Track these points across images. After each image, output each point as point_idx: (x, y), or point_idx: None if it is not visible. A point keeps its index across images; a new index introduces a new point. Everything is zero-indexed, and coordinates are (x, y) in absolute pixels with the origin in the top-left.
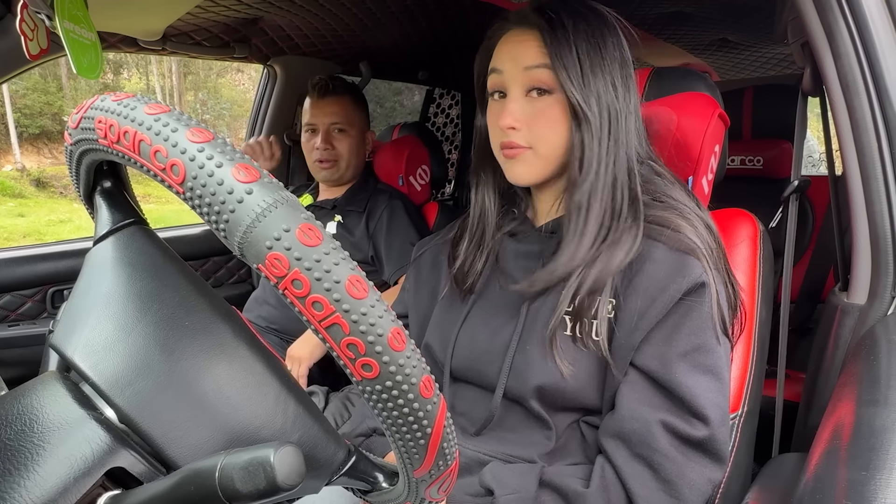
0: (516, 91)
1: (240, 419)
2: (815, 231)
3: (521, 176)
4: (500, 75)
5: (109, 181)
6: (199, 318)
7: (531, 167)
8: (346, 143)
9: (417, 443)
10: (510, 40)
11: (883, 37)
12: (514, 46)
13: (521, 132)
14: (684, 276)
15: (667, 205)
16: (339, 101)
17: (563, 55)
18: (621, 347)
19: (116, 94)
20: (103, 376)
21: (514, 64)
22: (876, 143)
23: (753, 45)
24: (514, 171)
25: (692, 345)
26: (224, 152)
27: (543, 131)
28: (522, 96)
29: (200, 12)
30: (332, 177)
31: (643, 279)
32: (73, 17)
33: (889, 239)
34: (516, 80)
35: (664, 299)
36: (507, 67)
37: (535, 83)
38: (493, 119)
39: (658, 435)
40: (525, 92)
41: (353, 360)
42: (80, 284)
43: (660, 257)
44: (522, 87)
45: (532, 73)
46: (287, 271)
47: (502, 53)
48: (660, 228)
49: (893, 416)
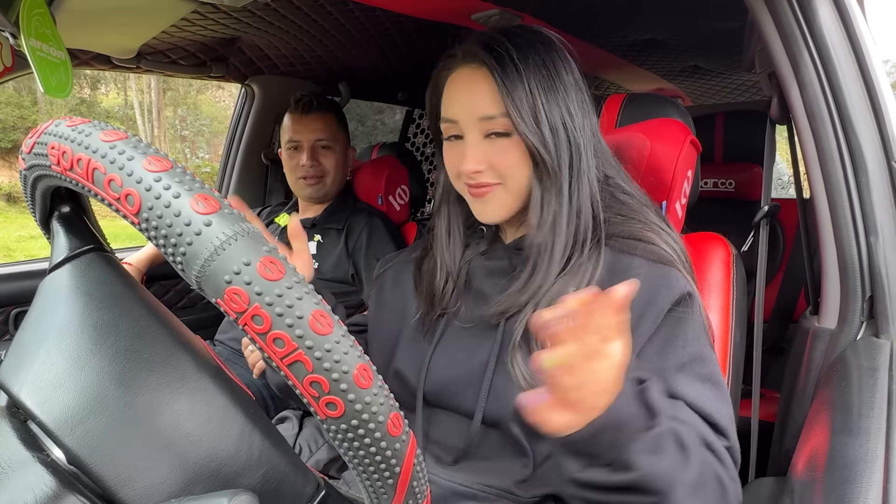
0: (473, 136)
1: (200, 456)
2: (786, 252)
3: (492, 215)
4: (455, 123)
5: (68, 206)
6: (159, 350)
7: (501, 205)
8: (331, 160)
9: (385, 482)
10: (460, 83)
11: (846, 68)
12: (466, 93)
13: (486, 172)
14: (669, 287)
15: (636, 220)
16: (324, 118)
17: (517, 96)
18: None
19: (72, 119)
20: (52, 414)
21: (469, 113)
22: (841, 171)
23: (724, 72)
24: (484, 212)
25: (688, 356)
26: (182, 182)
27: (509, 169)
28: (481, 140)
29: (176, 31)
30: (316, 193)
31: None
32: (41, 35)
33: (856, 265)
34: (472, 128)
35: (652, 314)
36: (462, 117)
37: (492, 129)
38: (452, 161)
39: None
40: (483, 136)
41: (317, 399)
42: (31, 315)
43: (639, 271)
44: (479, 132)
45: (488, 123)
46: (247, 306)
47: (454, 100)
48: (634, 242)
49: (865, 446)
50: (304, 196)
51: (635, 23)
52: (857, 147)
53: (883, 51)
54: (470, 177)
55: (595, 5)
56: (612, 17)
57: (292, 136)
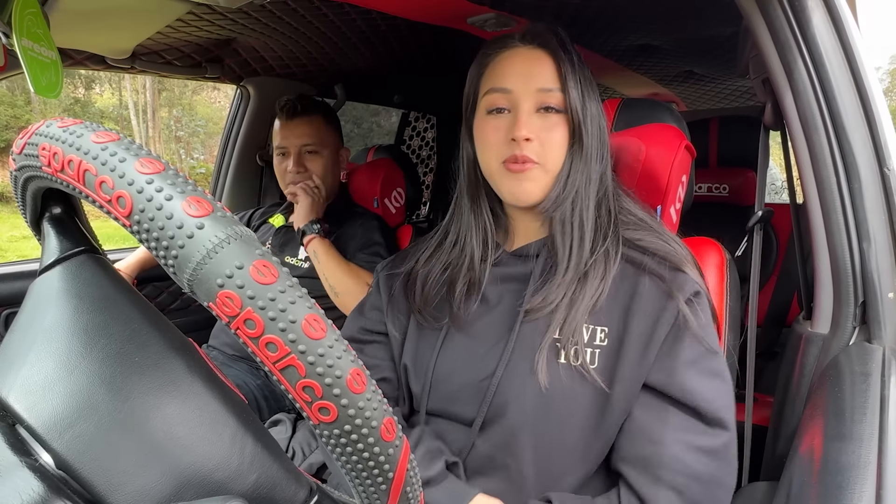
0: (528, 106)
1: (192, 461)
2: (779, 257)
3: (530, 193)
4: (508, 94)
5: (59, 207)
6: (151, 353)
7: (538, 184)
8: (318, 164)
9: (378, 488)
10: (518, 58)
11: (839, 75)
12: (526, 65)
13: (533, 144)
14: (681, 289)
15: (640, 225)
16: (310, 122)
17: (571, 78)
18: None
19: (64, 119)
20: (40, 418)
21: (527, 83)
22: (834, 177)
23: (718, 78)
24: (521, 188)
25: (697, 352)
26: (175, 184)
27: (552, 147)
28: (533, 112)
29: (171, 32)
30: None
31: (640, 302)
32: (33, 34)
33: (849, 270)
34: (528, 98)
35: (666, 318)
36: (519, 86)
37: (546, 103)
38: (494, 134)
39: (682, 457)
40: (535, 109)
41: (310, 404)
42: (20, 318)
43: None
44: (533, 104)
45: (545, 95)
46: (239, 310)
47: (510, 71)
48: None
49: (858, 452)
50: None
51: (631, 28)
52: (850, 153)
53: (875, 58)
54: (519, 146)
55: (591, 10)
56: (608, 23)
57: (280, 143)
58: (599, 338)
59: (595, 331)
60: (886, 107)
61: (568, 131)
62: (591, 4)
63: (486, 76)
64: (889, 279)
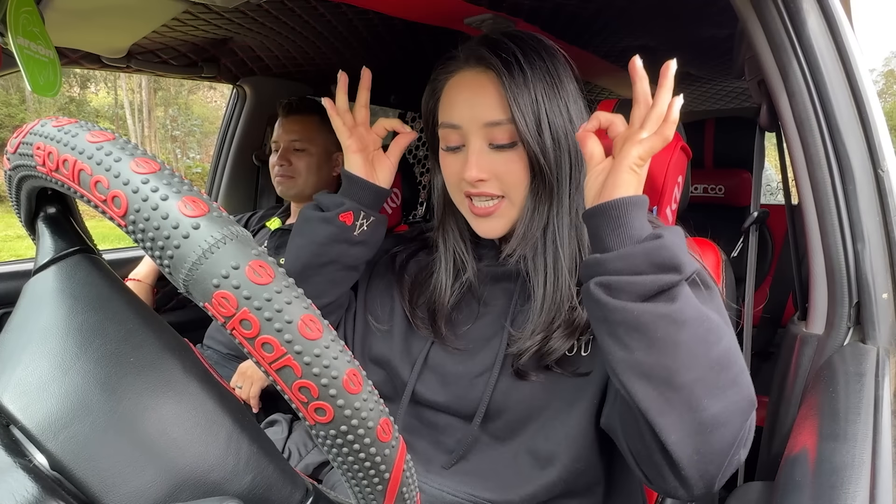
0: (477, 144)
1: (187, 462)
2: (774, 257)
3: (496, 229)
4: (457, 130)
5: (54, 207)
6: (146, 354)
7: (505, 220)
8: (303, 161)
9: (375, 488)
10: (463, 85)
11: (834, 77)
12: (471, 93)
13: (490, 181)
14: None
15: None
16: (302, 120)
17: (523, 103)
18: None
19: (59, 119)
20: (35, 419)
21: (473, 119)
22: (829, 179)
23: (714, 79)
24: (487, 227)
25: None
26: (170, 184)
27: (513, 180)
28: (486, 147)
29: (167, 31)
30: (287, 192)
31: None
32: (29, 33)
33: (844, 271)
34: (476, 134)
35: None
36: (465, 122)
37: (496, 140)
38: (452, 169)
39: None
40: (487, 145)
41: (306, 404)
42: (15, 318)
43: None
44: (484, 140)
45: (493, 130)
46: (235, 311)
47: (456, 104)
48: None
49: (852, 452)
50: (279, 193)
51: (627, 29)
52: (845, 154)
53: (869, 60)
54: (473, 185)
55: (588, 11)
56: (605, 24)
57: (274, 138)
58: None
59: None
60: (880, 108)
61: (527, 162)
62: (588, 6)
63: (439, 108)
64: (883, 280)
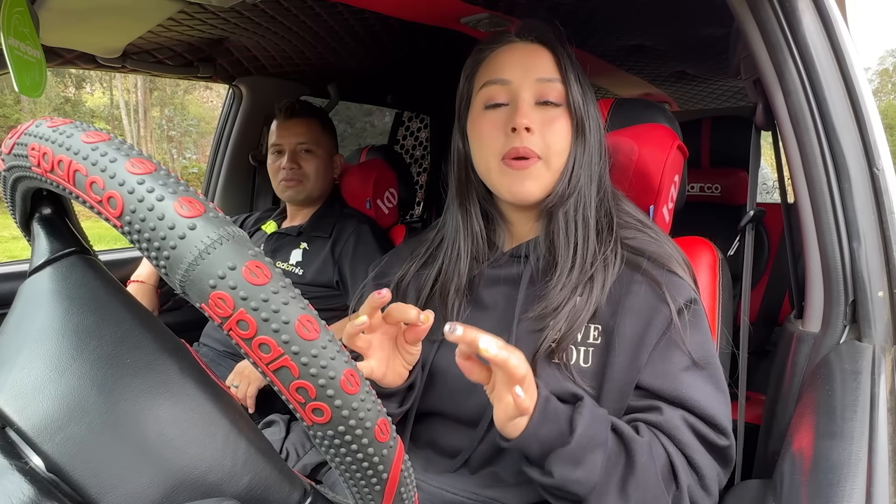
0: (528, 97)
1: (184, 463)
2: (770, 256)
3: (530, 192)
4: (506, 85)
5: (49, 208)
6: (142, 355)
7: (539, 182)
8: (312, 164)
9: (373, 489)
10: (516, 51)
11: (829, 76)
12: (525, 57)
13: (534, 137)
14: (676, 293)
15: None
16: (307, 123)
17: (571, 72)
18: (622, 371)
19: (53, 119)
20: (31, 421)
21: (526, 74)
22: (825, 177)
23: (710, 78)
24: (521, 187)
25: (693, 359)
26: (166, 185)
27: (555, 140)
28: (534, 104)
29: (163, 31)
30: (296, 196)
31: (633, 300)
32: (19, 33)
33: (840, 270)
34: (527, 89)
35: (660, 320)
36: (517, 77)
37: (545, 96)
38: (491, 128)
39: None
40: (535, 101)
41: (304, 405)
42: (10, 319)
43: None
44: (533, 96)
45: (545, 86)
46: (232, 311)
47: (508, 63)
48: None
49: (849, 449)
50: (286, 198)
51: (624, 29)
52: (840, 153)
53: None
54: (520, 137)
55: (584, 11)
56: (602, 23)
57: (276, 141)
58: (593, 336)
59: (589, 328)
60: (876, 107)
61: (570, 125)
62: (585, 5)
63: (483, 70)
64: (879, 278)
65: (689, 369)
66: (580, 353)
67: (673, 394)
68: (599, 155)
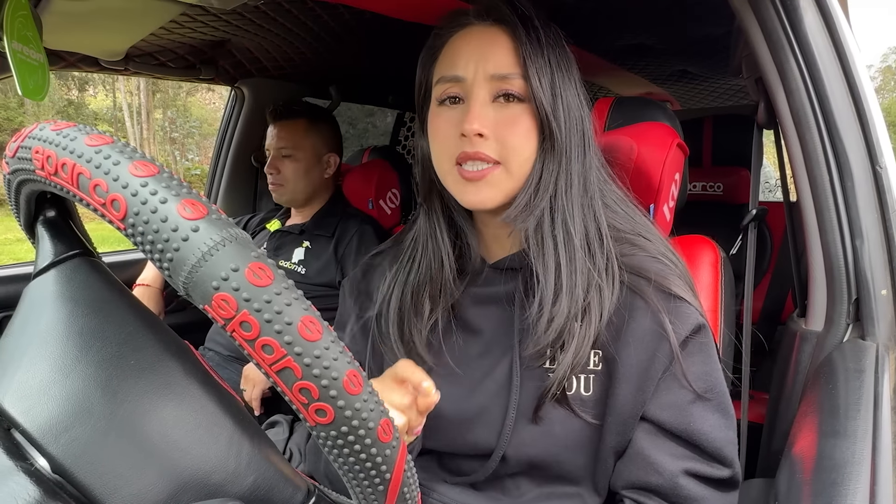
0: (482, 95)
1: (188, 464)
2: (773, 254)
3: (486, 200)
4: (460, 83)
5: (53, 210)
6: (146, 356)
7: (498, 190)
8: (290, 168)
9: (376, 489)
10: (472, 38)
11: (831, 74)
12: (479, 48)
13: (489, 141)
14: (683, 321)
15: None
16: (289, 126)
17: (537, 63)
18: (627, 403)
19: (56, 122)
20: (36, 422)
21: (479, 70)
22: (827, 176)
23: (712, 77)
24: (477, 196)
25: (702, 388)
26: (169, 187)
27: (515, 142)
28: (489, 102)
29: (165, 33)
30: (280, 199)
31: (635, 328)
32: (23, 37)
33: (842, 268)
34: (481, 86)
35: (665, 350)
36: (470, 73)
37: (503, 90)
38: (444, 129)
39: (685, 484)
40: (492, 98)
41: (307, 406)
42: (15, 321)
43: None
44: (489, 93)
45: (501, 82)
46: (235, 313)
47: (462, 55)
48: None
49: (852, 448)
50: (275, 200)
51: (625, 28)
52: (843, 151)
53: (866, 56)
54: (470, 142)
55: (585, 10)
56: (602, 22)
57: (267, 145)
58: (593, 362)
59: (588, 354)
60: (878, 105)
61: (535, 124)
62: (586, 4)
63: (438, 62)
64: (882, 276)
65: (698, 401)
66: (580, 381)
67: (681, 428)
68: (580, 154)
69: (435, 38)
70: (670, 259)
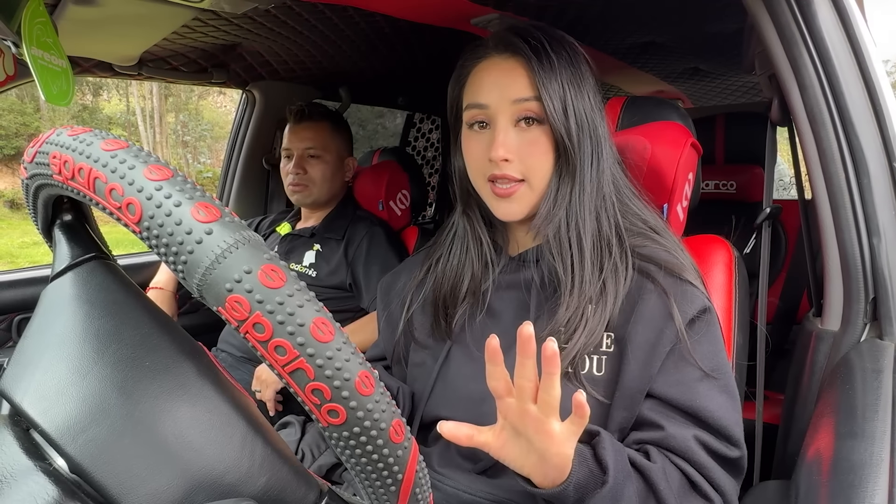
0: (504, 122)
1: (203, 464)
2: (788, 253)
3: (516, 213)
4: (485, 109)
5: (70, 214)
6: (161, 358)
7: (524, 204)
8: (318, 169)
9: (388, 489)
10: (492, 69)
11: (846, 70)
12: (500, 77)
13: (513, 164)
14: (689, 302)
15: (647, 236)
16: (315, 127)
17: (550, 85)
18: (634, 379)
19: (73, 128)
20: (54, 423)
21: (501, 97)
22: (843, 173)
23: (724, 74)
24: (507, 210)
25: (709, 367)
26: (183, 191)
27: (536, 162)
28: (511, 126)
29: (177, 38)
30: (303, 200)
31: (644, 308)
32: (43, 44)
33: (859, 267)
34: (504, 112)
35: (672, 329)
36: (493, 100)
37: (523, 114)
38: (475, 151)
39: (696, 449)
40: (514, 122)
41: (319, 406)
42: (33, 324)
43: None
44: (511, 118)
45: (521, 106)
46: (248, 314)
47: (485, 84)
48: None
49: (870, 450)
50: (294, 201)
51: (635, 26)
52: (859, 148)
53: (882, 51)
54: (498, 166)
55: (595, 9)
56: (612, 21)
57: (286, 145)
58: (606, 343)
59: (602, 336)
60: (895, 100)
61: (551, 142)
62: (595, 3)
63: (465, 90)
64: None
65: (704, 380)
66: (593, 361)
67: (687, 404)
68: (595, 160)
69: (460, 68)
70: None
